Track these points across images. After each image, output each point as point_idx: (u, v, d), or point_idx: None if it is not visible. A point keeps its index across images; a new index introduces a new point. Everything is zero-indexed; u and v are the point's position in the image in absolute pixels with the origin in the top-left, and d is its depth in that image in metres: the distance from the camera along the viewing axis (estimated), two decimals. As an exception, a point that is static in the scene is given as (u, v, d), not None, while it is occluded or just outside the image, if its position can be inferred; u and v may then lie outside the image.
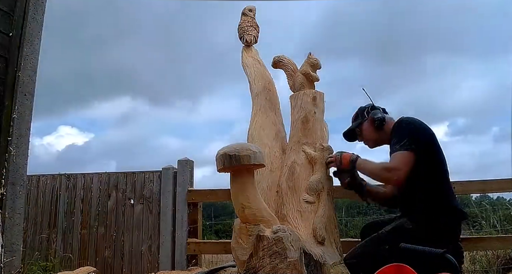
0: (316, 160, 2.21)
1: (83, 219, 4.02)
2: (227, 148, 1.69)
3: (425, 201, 1.97)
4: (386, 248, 1.85)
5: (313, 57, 2.41)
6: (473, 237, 3.16)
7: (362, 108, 2.38)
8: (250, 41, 2.69)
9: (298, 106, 2.34)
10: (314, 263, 1.95)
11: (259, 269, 1.70)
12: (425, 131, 2.08)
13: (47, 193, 4.17)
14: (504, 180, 2.97)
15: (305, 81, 2.41)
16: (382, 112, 2.29)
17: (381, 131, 2.25)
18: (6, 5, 2.43)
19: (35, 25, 2.56)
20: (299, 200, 2.16)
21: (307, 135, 2.29)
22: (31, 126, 2.48)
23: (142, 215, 3.88)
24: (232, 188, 1.77)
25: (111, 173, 4.08)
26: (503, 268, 3.07)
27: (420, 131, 2.06)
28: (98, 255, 3.91)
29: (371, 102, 2.39)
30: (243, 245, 1.76)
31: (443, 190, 2.02)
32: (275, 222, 1.83)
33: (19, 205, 2.35)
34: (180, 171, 3.69)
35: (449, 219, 1.93)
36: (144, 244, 3.82)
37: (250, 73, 2.62)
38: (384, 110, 2.35)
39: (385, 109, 2.36)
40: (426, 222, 1.90)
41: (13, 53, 2.44)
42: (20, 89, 2.42)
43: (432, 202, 1.96)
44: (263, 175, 2.30)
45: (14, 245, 2.29)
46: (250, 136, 2.43)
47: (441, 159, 2.07)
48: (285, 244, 1.71)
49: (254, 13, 2.76)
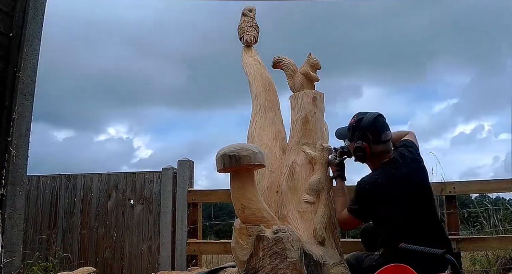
0: (316, 160, 2.21)
1: (83, 219, 4.03)
2: (227, 148, 1.69)
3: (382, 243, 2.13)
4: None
5: (313, 58, 2.41)
6: (473, 237, 3.16)
7: (353, 127, 2.17)
8: (250, 41, 2.69)
9: (298, 106, 2.34)
10: (314, 264, 1.95)
11: (259, 269, 1.71)
12: (365, 194, 2.08)
13: (47, 194, 4.17)
14: (504, 180, 2.97)
15: (305, 81, 2.41)
16: (372, 144, 2.09)
17: (367, 162, 2.21)
18: (6, 5, 2.43)
19: (35, 26, 2.57)
20: (299, 200, 2.16)
21: (307, 135, 2.29)
22: (31, 126, 2.48)
23: (142, 216, 3.88)
24: (232, 188, 1.77)
25: (111, 174, 4.08)
26: (503, 268, 3.07)
27: (363, 195, 2.08)
28: (98, 256, 3.91)
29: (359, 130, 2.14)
30: (243, 245, 1.76)
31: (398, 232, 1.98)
32: (275, 223, 1.83)
33: (19, 205, 2.35)
34: (180, 171, 3.69)
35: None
36: (144, 244, 3.82)
37: (250, 73, 2.62)
38: (379, 139, 2.09)
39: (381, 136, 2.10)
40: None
41: (13, 53, 2.44)
42: (20, 89, 2.42)
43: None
44: (263, 175, 2.30)
45: (14, 245, 2.29)
46: (250, 136, 2.43)
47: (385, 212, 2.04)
48: (285, 245, 1.72)
49: (254, 13, 2.76)
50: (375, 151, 2.10)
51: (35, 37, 2.55)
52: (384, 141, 2.11)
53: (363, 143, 2.10)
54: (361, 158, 2.16)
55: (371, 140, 2.09)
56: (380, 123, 2.13)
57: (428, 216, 2.05)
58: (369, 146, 2.10)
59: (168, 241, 3.59)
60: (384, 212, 2.03)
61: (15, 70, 2.43)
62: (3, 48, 2.40)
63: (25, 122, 2.44)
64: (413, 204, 2.01)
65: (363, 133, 2.10)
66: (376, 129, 2.10)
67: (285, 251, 1.71)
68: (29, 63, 2.49)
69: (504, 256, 3.16)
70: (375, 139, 2.09)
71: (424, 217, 2.03)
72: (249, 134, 2.45)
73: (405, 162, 2.10)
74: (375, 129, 2.10)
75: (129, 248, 3.85)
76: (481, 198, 4.18)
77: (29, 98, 2.48)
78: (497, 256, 3.19)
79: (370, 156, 2.13)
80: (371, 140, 2.09)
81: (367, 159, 2.17)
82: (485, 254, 3.28)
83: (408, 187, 2.04)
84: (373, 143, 2.09)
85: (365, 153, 2.11)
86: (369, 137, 2.09)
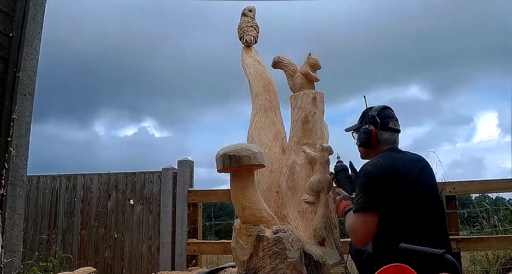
0: (316, 160, 2.21)
1: (83, 219, 4.03)
2: (227, 148, 1.69)
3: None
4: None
5: (312, 58, 2.41)
6: (473, 237, 3.16)
7: (363, 114, 2.15)
8: (250, 41, 2.69)
9: (298, 107, 2.34)
10: (314, 264, 1.95)
11: (259, 269, 1.71)
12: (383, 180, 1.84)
13: (47, 194, 4.17)
14: (504, 180, 2.98)
15: (305, 81, 2.41)
16: (378, 129, 2.02)
17: (369, 150, 2.08)
18: (6, 5, 2.43)
19: (35, 26, 2.57)
20: (299, 200, 2.16)
21: (307, 135, 2.29)
22: (31, 127, 2.48)
23: (142, 216, 3.88)
24: (232, 189, 1.77)
25: (111, 174, 4.08)
26: (503, 268, 3.07)
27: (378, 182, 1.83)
28: (98, 256, 3.91)
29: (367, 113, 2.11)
30: (243, 245, 1.76)
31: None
32: (275, 223, 1.83)
33: (19, 205, 2.35)
34: (180, 171, 3.69)
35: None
36: (144, 244, 3.82)
37: (250, 73, 2.62)
38: (386, 125, 2.04)
39: (389, 123, 2.05)
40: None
41: (13, 53, 2.44)
42: (20, 89, 2.42)
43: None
44: (263, 175, 2.30)
45: (14, 245, 2.29)
46: (250, 136, 2.43)
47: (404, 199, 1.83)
48: (285, 245, 1.72)
49: (254, 13, 2.76)
50: (381, 137, 2.04)
51: (35, 37, 2.56)
52: (391, 129, 2.06)
53: (370, 125, 2.06)
54: (365, 143, 2.06)
55: (379, 124, 2.04)
56: (389, 111, 2.11)
57: (434, 213, 1.98)
58: (375, 131, 2.04)
59: (168, 241, 3.60)
60: (389, 203, 1.83)
61: (15, 70, 2.43)
62: (3, 48, 2.41)
63: (25, 122, 2.45)
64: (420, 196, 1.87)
65: (371, 117, 2.06)
66: (385, 114, 2.08)
67: (285, 251, 1.71)
68: (29, 63, 2.50)
69: (504, 256, 3.16)
70: (383, 124, 2.05)
71: (430, 213, 1.91)
72: (249, 134, 2.45)
73: (406, 152, 2.05)
74: (383, 114, 2.07)
75: (129, 248, 3.85)
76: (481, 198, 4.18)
77: (29, 98, 2.49)
78: (497, 256, 3.19)
79: (376, 143, 2.04)
80: (379, 124, 2.04)
81: (372, 146, 2.06)
82: (485, 254, 3.28)
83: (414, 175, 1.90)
84: (380, 128, 2.05)
85: (370, 137, 2.04)
86: (377, 121, 2.05)
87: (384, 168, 1.87)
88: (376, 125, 2.04)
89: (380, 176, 1.84)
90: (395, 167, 1.88)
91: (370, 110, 2.10)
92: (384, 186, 1.82)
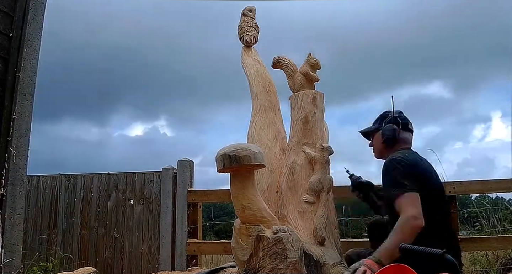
0: (316, 160, 2.21)
1: (83, 219, 4.02)
2: (227, 148, 1.69)
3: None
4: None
5: (312, 58, 2.41)
6: (473, 237, 3.16)
7: (383, 115, 2.24)
8: (250, 41, 2.69)
9: (298, 107, 2.35)
10: (314, 264, 1.95)
11: (259, 269, 1.71)
12: (417, 168, 1.96)
13: (47, 194, 4.17)
14: (504, 180, 2.97)
15: (305, 81, 2.41)
16: (400, 128, 2.12)
17: (388, 148, 2.15)
18: (6, 5, 2.43)
19: (35, 26, 2.57)
20: (299, 200, 2.16)
21: (307, 135, 2.29)
22: (31, 127, 2.48)
23: (142, 216, 3.88)
24: (232, 189, 1.77)
25: (111, 174, 4.08)
26: (503, 268, 3.07)
27: (414, 169, 1.93)
28: (98, 256, 3.91)
29: (393, 113, 2.19)
30: (243, 245, 1.76)
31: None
32: (275, 223, 1.83)
33: (19, 205, 2.36)
34: (180, 171, 3.69)
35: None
36: (144, 244, 3.81)
37: (250, 73, 2.62)
38: (406, 126, 2.16)
39: (408, 124, 2.18)
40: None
41: (13, 53, 2.44)
42: (20, 89, 2.43)
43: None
44: (263, 175, 2.30)
45: (14, 245, 2.30)
46: (250, 137, 2.43)
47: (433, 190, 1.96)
48: (285, 245, 1.72)
49: (254, 13, 2.76)
50: (401, 137, 2.14)
51: (35, 37, 2.56)
52: (410, 130, 2.19)
53: (394, 124, 2.14)
54: (390, 140, 2.12)
55: (400, 124, 2.14)
56: (405, 115, 2.23)
57: (447, 213, 2.07)
58: (399, 130, 2.14)
59: (168, 241, 3.59)
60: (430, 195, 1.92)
61: (15, 70, 2.43)
62: (3, 48, 2.41)
63: (25, 122, 2.45)
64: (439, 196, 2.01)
65: (393, 117, 2.15)
66: (404, 116, 2.20)
67: (285, 251, 1.71)
68: (29, 63, 2.50)
69: (504, 256, 3.16)
70: (404, 125, 2.15)
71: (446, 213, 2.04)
72: (249, 134, 2.45)
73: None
74: (403, 116, 2.20)
75: (129, 248, 3.85)
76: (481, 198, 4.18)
77: (29, 98, 2.49)
78: (497, 256, 3.18)
79: (396, 142, 2.13)
80: (401, 124, 2.14)
81: (392, 144, 2.13)
82: (485, 254, 3.28)
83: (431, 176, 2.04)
84: (402, 128, 2.14)
85: (395, 135, 2.12)
86: (399, 121, 2.14)
87: (416, 159, 2.01)
88: (398, 125, 2.14)
89: (414, 164, 1.96)
90: (422, 162, 2.04)
91: (390, 112, 2.19)
92: (418, 174, 1.92)
